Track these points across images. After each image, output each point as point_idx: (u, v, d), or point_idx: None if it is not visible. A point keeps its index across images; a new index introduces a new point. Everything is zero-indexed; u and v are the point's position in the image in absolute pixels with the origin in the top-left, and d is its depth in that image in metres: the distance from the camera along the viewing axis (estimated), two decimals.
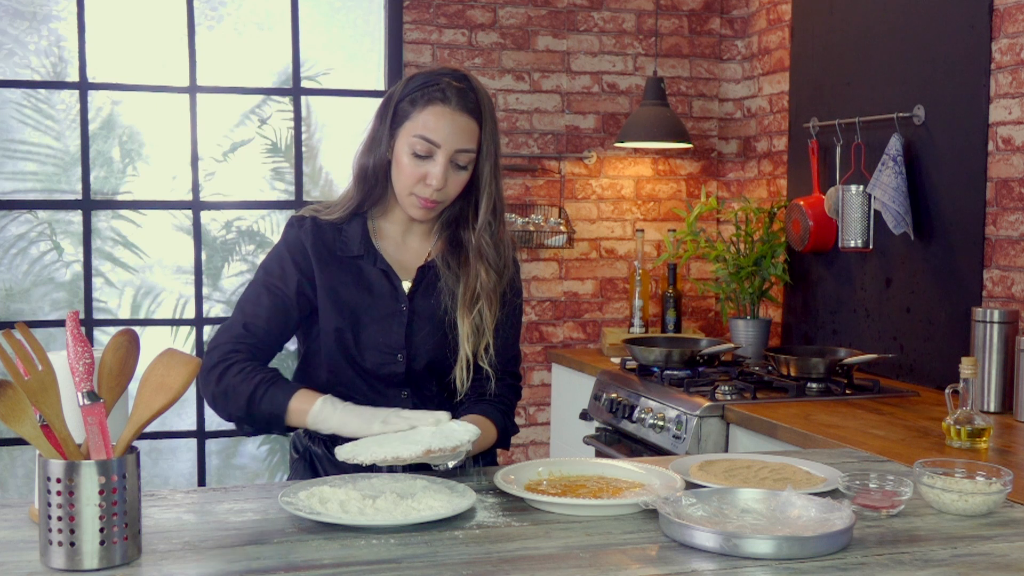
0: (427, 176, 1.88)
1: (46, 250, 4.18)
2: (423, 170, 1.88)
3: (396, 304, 1.95)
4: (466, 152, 1.89)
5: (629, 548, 1.45)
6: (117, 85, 3.95)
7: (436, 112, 1.87)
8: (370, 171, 1.95)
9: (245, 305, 1.95)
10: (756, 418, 2.75)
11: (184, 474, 4.39)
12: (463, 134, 1.88)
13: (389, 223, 2.01)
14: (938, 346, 3.16)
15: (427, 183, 1.88)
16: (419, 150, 1.88)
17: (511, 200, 4.08)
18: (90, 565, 1.32)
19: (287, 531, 1.52)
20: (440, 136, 1.87)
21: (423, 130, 1.87)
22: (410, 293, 1.97)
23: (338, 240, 1.96)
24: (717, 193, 4.31)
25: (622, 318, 4.24)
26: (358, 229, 1.97)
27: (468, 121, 1.89)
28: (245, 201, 4.33)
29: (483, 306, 1.94)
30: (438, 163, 1.87)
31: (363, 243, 1.96)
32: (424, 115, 1.88)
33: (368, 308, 1.95)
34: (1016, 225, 2.89)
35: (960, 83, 3.07)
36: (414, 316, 1.96)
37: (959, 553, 1.46)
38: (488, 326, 1.95)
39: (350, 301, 1.94)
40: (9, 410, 1.32)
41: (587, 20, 4.16)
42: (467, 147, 1.89)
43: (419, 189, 1.90)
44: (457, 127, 1.87)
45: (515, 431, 2.05)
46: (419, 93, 1.89)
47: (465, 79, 1.92)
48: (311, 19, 4.15)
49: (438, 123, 1.87)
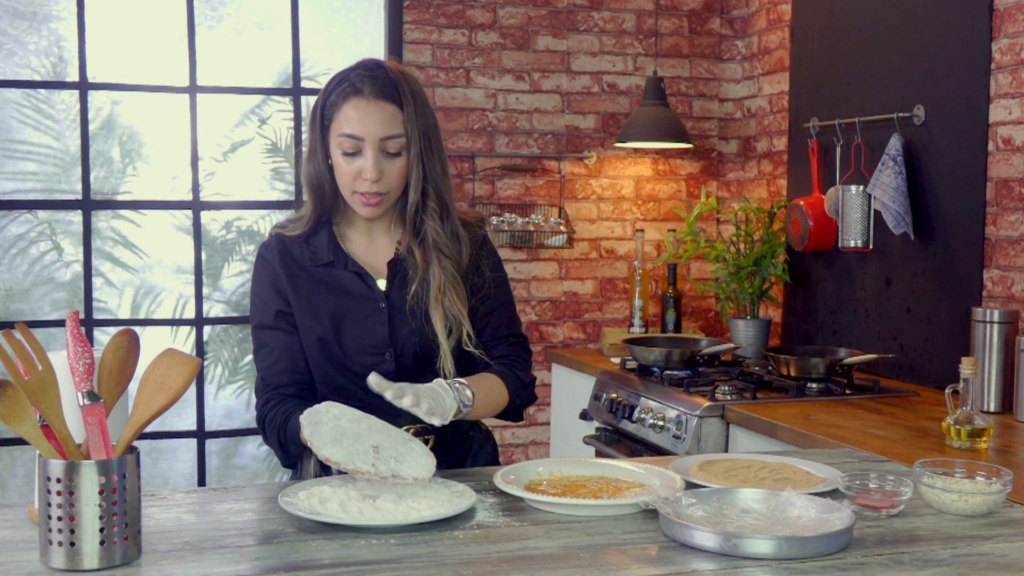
0: (362, 171, 1.88)
1: (46, 250, 4.18)
2: (356, 166, 1.89)
3: (375, 303, 1.95)
4: (393, 138, 1.88)
5: (629, 548, 1.45)
6: (117, 85, 3.95)
7: (353, 106, 1.87)
8: (316, 180, 1.96)
9: (257, 358, 1.98)
10: (756, 418, 2.75)
11: (184, 474, 4.39)
12: (384, 121, 1.87)
13: (353, 228, 2.01)
14: (938, 346, 3.16)
15: (363, 178, 1.89)
16: (347, 148, 1.88)
17: (511, 200, 4.09)
18: (90, 565, 1.32)
19: (287, 531, 1.52)
20: (361, 128, 1.87)
21: (345, 127, 1.88)
22: (386, 290, 1.97)
23: (306, 252, 1.97)
24: (717, 193, 4.31)
25: (622, 318, 4.24)
26: (324, 238, 1.98)
27: (387, 107, 1.88)
28: (245, 201, 4.33)
29: (450, 295, 1.93)
30: (367, 156, 1.87)
31: (332, 250, 1.97)
32: (343, 112, 1.88)
33: (347, 312, 1.95)
34: (1016, 225, 2.89)
35: (960, 83, 3.07)
36: (394, 312, 1.95)
37: (959, 553, 1.46)
38: (461, 313, 1.94)
39: (328, 308, 1.95)
40: (9, 410, 1.32)
41: (587, 20, 4.16)
42: (392, 133, 1.88)
43: (358, 186, 1.90)
44: (376, 116, 1.87)
45: (531, 379, 2.03)
46: (336, 93, 1.90)
47: (379, 67, 1.90)
48: (311, 19, 4.15)
49: (357, 116, 1.87)
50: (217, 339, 4.49)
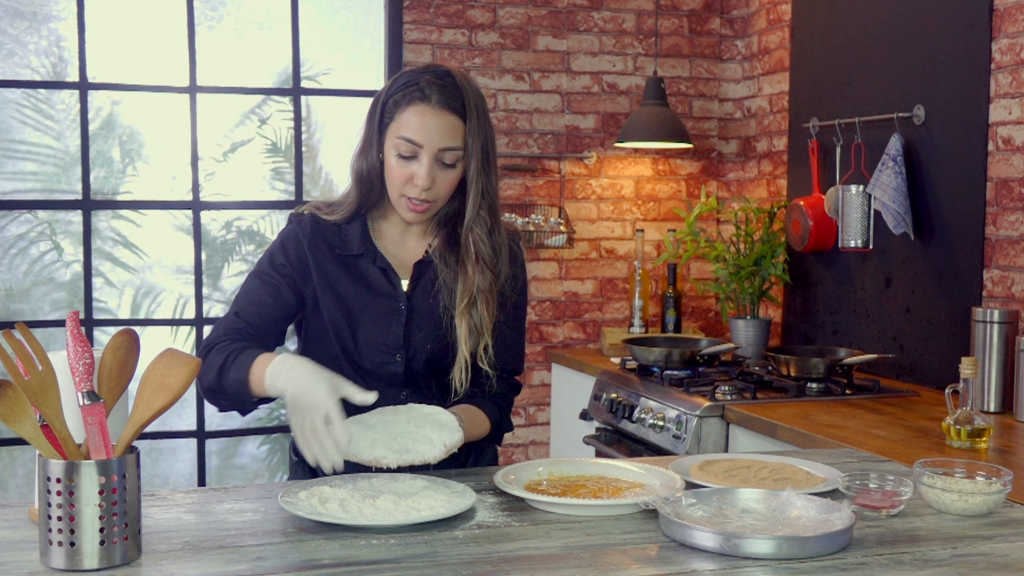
0: (414, 177, 1.87)
1: (46, 250, 4.18)
2: (409, 171, 1.87)
3: (395, 303, 1.95)
4: (451, 150, 1.87)
5: (629, 548, 1.45)
6: (117, 85, 3.95)
7: (417, 111, 1.85)
8: (365, 174, 1.95)
9: (239, 296, 1.95)
10: (756, 418, 2.75)
11: (184, 474, 4.39)
12: (446, 132, 1.86)
13: (388, 224, 2.01)
14: (938, 346, 3.16)
15: (414, 183, 1.87)
16: (403, 151, 1.86)
17: (511, 200, 4.08)
18: (90, 565, 1.32)
19: (287, 531, 1.52)
20: (422, 136, 1.85)
21: (405, 131, 1.86)
22: (408, 291, 1.96)
23: (337, 239, 1.96)
24: (717, 193, 4.31)
25: (622, 318, 4.24)
26: (358, 229, 1.97)
27: (451, 118, 1.86)
28: (245, 201, 4.33)
29: (480, 306, 1.92)
30: (423, 163, 1.86)
31: (363, 242, 1.96)
32: (406, 115, 1.86)
33: (366, 306, 1.94)
34: (1016, 225, 2.89)
35: (960, 83, 3.07)
36: (412, 315, 1.95)
37: (959, 553, 1.46)
38: (486, 327, 1.93)
39: (348, 298, 1.94)
40: (9, 410, 1.32)
41: (587, 20, 4.16)
42: (451, 145, 1.87)
43: (407, 190, 1.89)
44: (439, 125, 1.85)
45: (509, 428, 2.05)
46: (401, 94, 1.88)
47: (448, 75, 1.89)
48: (311, 19, 4.16)
49: (419, 122, 1.85)
50: None
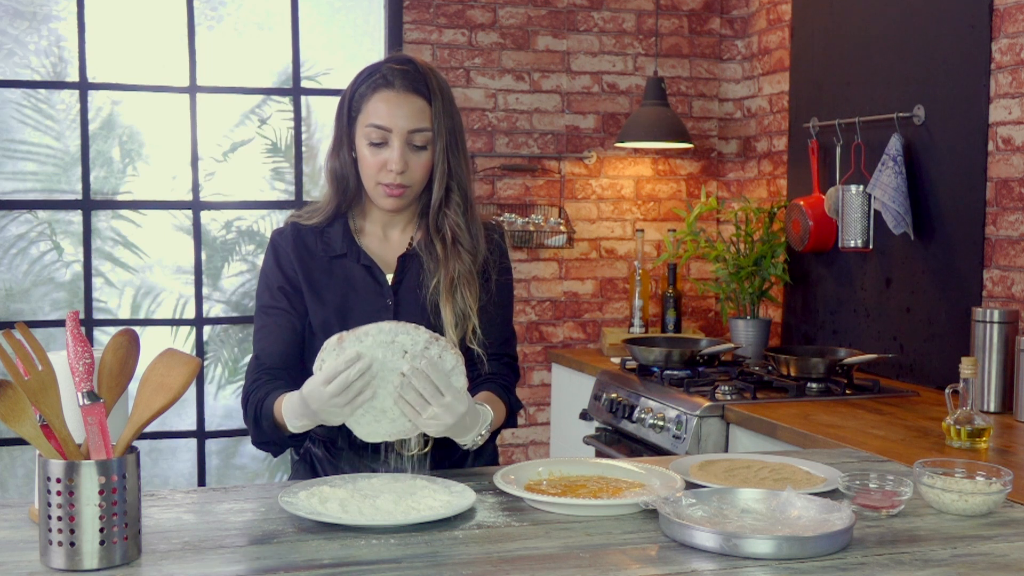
0: (387, 162, 1.91)
1: (46, 250, 4.17)
2: (382, 157, 1.91)
3: (382, 299, 1.96)
4: (420, 131, 1.91)
5: (629, 548, 1.45)
6: (117, 85, 3.95)
7: (383, 98, 1.90)
8: (339, 172, 1.98)
9: (254, 336, 1.99)
10: (756, 418, 2.75)
11: (184, 474, 4.39)
12: (413, 115, 1.90)
13: (369, 221, 2.03)
14: (938, 346, 3.16)
15: (388, 169, 1.91)
16: (374, 138, 1.90)
17: (511, 200, 4.09)
18: (90, 565, 1.32)
19: (287, 531, 1.52)
20: (390, 120, 1.89)
21: (373, 118, 1.90)
22: (394, 286, 1.97)
23: (320, 242, 1.98)
24: (717, 193, 4.31)
25: (622, 318, 4.24)
26: (339, 230, 1.99)
27: (416, 100, 1.91)
28: (245, 201, 4.33)
29: (464, 291, 1.94)
30: (394, 147, 1.90)
31: (345, 242, 1.98)
32: (372, 103, 1.91)
33: (354, 305, 1.95)
34: (1016, 225, 2.89)
35: (960, 83, 3.07)
36: (400, 309, 1.96)
37: (959, 553, 1.46)
38: (472, 309, 1.95)
39: (335, 300, 1.95)
40: (9, 410, 1.32)
41: (587, 20, 4.16)
42: (420, 126, 1.91)
43: (382, 177, 1.92)
44: (405, 108, 1.90)
45: (519, 406, 2.05)
46: (365, 84, 1.93)
47: (410, 62, 1.94)
48: (311, 19, 4.15)
49: (386, 108, 1.90)
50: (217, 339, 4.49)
